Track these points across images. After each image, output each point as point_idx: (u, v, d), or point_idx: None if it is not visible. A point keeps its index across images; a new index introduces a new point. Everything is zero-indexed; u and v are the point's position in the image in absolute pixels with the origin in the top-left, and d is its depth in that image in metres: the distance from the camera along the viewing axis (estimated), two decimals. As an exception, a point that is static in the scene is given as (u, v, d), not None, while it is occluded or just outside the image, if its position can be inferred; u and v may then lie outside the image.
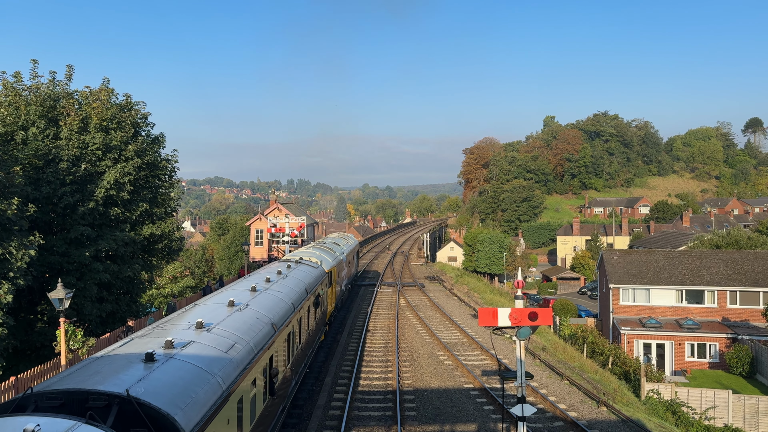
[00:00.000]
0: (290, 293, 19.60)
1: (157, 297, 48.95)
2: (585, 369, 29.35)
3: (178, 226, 34.20)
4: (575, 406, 21.95)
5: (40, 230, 24.14)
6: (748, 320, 46.00)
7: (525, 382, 12.77)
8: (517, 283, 13.84)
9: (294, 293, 20.04)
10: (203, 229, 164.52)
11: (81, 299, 25.06)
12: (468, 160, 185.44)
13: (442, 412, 20.63)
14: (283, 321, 16.55)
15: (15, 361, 23.75)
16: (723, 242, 61.60)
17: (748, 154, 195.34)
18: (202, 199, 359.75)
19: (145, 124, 31.76)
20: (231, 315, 14.06)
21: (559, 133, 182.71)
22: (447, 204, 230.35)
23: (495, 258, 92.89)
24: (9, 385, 16.66)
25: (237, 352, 11.92)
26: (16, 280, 20.17)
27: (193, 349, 10.86)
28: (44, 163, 25.71)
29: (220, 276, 53.92)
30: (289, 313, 17.65)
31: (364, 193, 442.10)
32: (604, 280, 52.52)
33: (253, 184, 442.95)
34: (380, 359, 27.90)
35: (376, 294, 47.97)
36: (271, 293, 18.15)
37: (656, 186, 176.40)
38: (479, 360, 27.91)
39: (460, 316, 39.19)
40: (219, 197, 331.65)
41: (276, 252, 55.20)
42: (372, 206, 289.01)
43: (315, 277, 25.66)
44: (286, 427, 18.64)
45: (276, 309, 16.64)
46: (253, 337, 13.27)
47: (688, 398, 32.01)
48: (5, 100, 27.41)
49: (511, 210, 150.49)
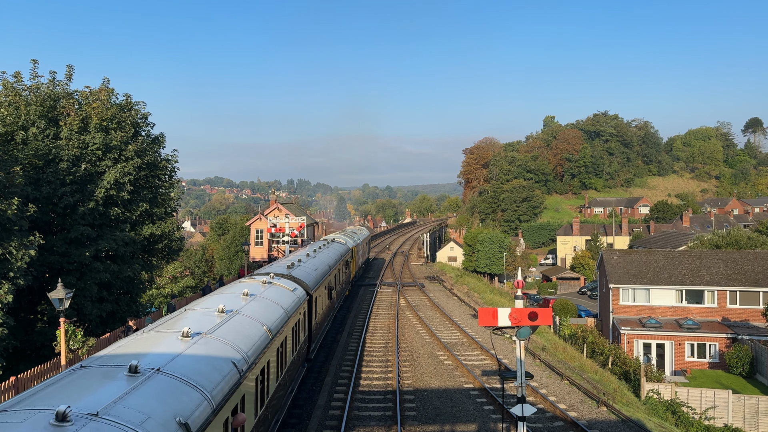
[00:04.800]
0: (332, 256, 34.82)
1: (157, 297, 48.95)
2: (585, 369, 29.35)
3: (178, 226, 34.22)
4: (575, 406, 21.95)
5: (40, 230, 24.14)
6: (748, 320, 46.00)
7: (525, 382, 12.77)
8: (517, 283, 13.84)
9: (333, 258, 34.77)
10: (203, 229, 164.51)
11: (81, 299, 25.07)
12: (468, 160, 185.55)
13: (442, 412, 20.63)
14: (329, 271, 30.46)
15: (15, 361, 23.74)
16: (723, 242, 61.60)
17: (748, 154, 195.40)
18: (202, 199, 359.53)
19: (145, 124, 31.79)
20: (309, 260, 29.11)
21: (559, 133, 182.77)
22: (447, 204, 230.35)
23: (495, 258, 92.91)
24: (9, 385, 16.66)
25: (319, 273, 27.19)
26: (16, 280, 20.19)
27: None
28: (44, 163, 25.72)
29: (221, 276, 53.92)
30: (334, 266, 33.10)
31: (364, 193, 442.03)
32: (604, 280, 52.52)
33: (253, 184, 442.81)
34: (380, 359, 27.91)
35: (376, 294, 47.97)
36: (323, 254, 33.82)
37: (656, 186, 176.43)
38: (479, 360, 27.91)
39: (460, 316, 39.19)
40: (219, 197, 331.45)
41: (276, 252, 55.18)
42: (372, 206, 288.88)
43: (344, 251, 40.70)
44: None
45: (327, 262, 31.86)
46: (325, 270, 29.13)
47: (688, 398, 32.01)
48: (5, 100, 27.42)
49: (511, 210, 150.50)
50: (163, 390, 8.56)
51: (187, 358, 10.02)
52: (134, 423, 7.25)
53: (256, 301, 16.13)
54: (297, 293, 20.41)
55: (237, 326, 13.00)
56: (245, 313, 14.32)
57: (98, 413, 7.14)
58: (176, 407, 8.30)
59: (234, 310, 14.16)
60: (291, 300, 19.01)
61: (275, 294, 18.29)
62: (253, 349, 12.54)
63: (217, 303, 14.58)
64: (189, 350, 10.45)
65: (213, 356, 10.71)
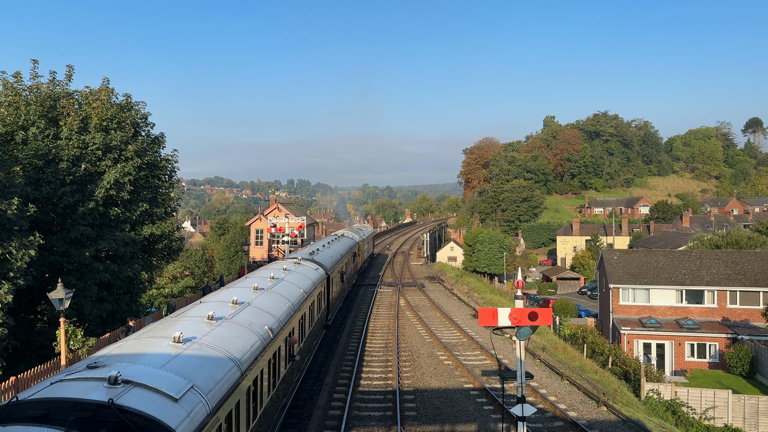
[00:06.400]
0: (342, 248, 41.18)
1: (157, 297, 48.94)
2: (585, 369, 29.35)
3: (178, 226, 34.23)
4: (575, 406, 21.95)
5: (40, 230, 24.14)
6: (748, 320, 45.99)
7: (525, 382, 12.77)
8: (517, 283, 13.83)
9: (344, 249, 41.12)
10: (203, 229, 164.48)
11: (81, 299, 25.06)
12: (468, 160, 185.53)
13: (442, 412, 20.63)
14: (341, 258, 37.03)
15: (15, 361, 23.74)
16: (723, 242, 61.57)
17: (748, 154, 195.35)
18: (202, 199, 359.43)
19: (145, 124, 31.78)
20: (325, 249, 35.53)
21: (559, 133, 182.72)
22: (447, 204, 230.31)
23: (495, 258, 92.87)
24: (9, 385, 16.66)
25: (334, 259, 33.27)
26: (16, 280, 20.18)
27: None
28: (44, 163, 25.71)
29: (221, 276, 53.90)
30: (345, 255, 39.79)
31: (364, 193, 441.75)
32: (604, 280, 52.52)
33: (253, 184, 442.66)
34: (380, 359, 27.90)
35: (376, 294, 47.97)
36: (337, 245, 40.75)
37: (656, 186, 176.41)
38: (479, 360, 27.91)
39: (460, 316, 39.19)
40: (219, 197, 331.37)
41: (276, 252, 55.17)
42: (372, 206, 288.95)
43: (352, 244, 47.22)
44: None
45: (340, 252, 38.49)
46: (338, 258, 35.24)
47: (688, 398, 31.99)
48: (5, 100, 27.41)
49: (511, 210, 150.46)
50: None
51: (263, 298, 17.15)
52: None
53: (292, 274, 23.13)
54: (319, 272, 27.23)
55: (285, 287, 20.25)
56: (287, 280, 21.52)
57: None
58: (265, 319, 15.14)
59: (279, 278, 21.33)
60: (315, 276, 25.85)
61: (305, 270, 25.45)
62: (296, 301, 19.68)
63: (267, 274, 21.73)
64: (260, 297, 17.15)
65: (279, 298, 18.36)
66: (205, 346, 11.00)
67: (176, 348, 10.44)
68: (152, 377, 8.75)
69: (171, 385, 8.68)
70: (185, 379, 9.11)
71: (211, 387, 9.60)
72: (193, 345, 10.83)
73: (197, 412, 8.67)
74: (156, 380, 8.66)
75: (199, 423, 8.57)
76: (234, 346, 11.75)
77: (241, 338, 12.55)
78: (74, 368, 9.29)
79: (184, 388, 8.82)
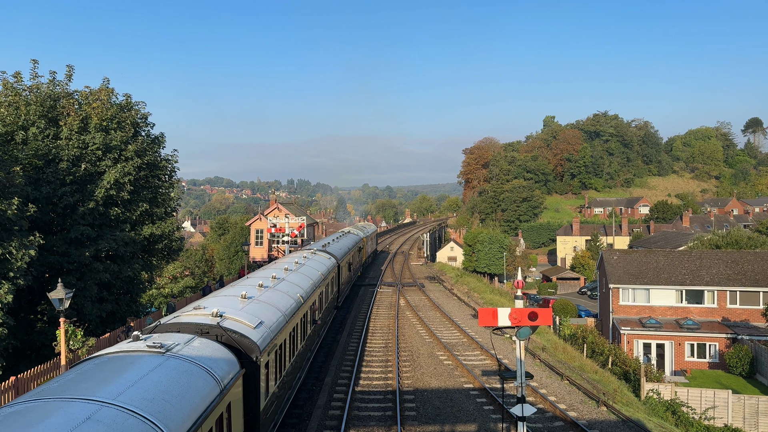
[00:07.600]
0: (350, 242, 47.37)
1: (157, 297, 48.95)
2: (585, 369, 29.35)
3: (178, 226, 34.23)
4: (575, 406, 21.96)
5: (40, 230, 24.15)
6: (748, 320, 46.00)
7: (525, 382, 12.77)
8: (517, 283, 13.83)
9: (351, 243, 47.33)
10: (203, 229, 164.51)
11: (81, 299, 25.07)
12: (468, 160, 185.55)
13: (442, 412, 20.63)
14: (349, 251, 43.00)
15: (15, 361, 23.75)
16: (723, 242, 61.57)
17: (748, 154, 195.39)
18: (202, 199, 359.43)
19: (145, 124, 31.78)
20: (335, 242, 42.21)
21: (559, 133, 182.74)
22: (447, 204, 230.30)
23: (495, 258, 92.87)
24: (9, 385, 16.66)
25: (343, 251, 40.67)
26: (16, 280, 20.18)
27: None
28: (44, 163, 25.72)
29: (221, 276, 53.91)
30: (351, 249, 45.64)
31: (364, 193, 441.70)
32: (604, 280, 52.53)
33: (253, 184, 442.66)
34: (380, 359, 27.91)
35: (376, 294, 47.96)
36: (344, 240, 47.05)
37: (656, 186, 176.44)
38: (479, 360, 27.91)
39: (459, 316, 39.20)
40: (219, 197, 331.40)
41: (276, 252, 55.19)
42: (372, 206, 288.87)
43: (357, 240, 52.81)
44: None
45: (347, 245, 44.72)
46: (345, 251, 41.78)
47: (687, 398, 32.00)
48: (5, 100, 27.42)
49: (511, 210, 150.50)
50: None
51: (292, 276, 23.13)
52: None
53: (311, 260, 29.47)
54: (331, 261, 33.28)
55: (306, 270, 26.09)
56: (308, 265, 27.43)
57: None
58: (297, 290, 21.14)
59: (301, 263, 27.14)
60: (329, 263, 31.86)
61: (320, 258, 31.85)
62: (317, 280, 25.47)
63: (292, 260, 27.49)
64: (290, 275, 23.16)
65: (304, 277, 24.36)
66: (261, 302, 16.86)
67: (243, 302, 16.05)
68: (237, 314, 14.46)
69: (249, 319, 14.48)
70: (256, 317, 14.94)
71: (272, 323, 15.64)
72: (254, 301, 16.63)
73: (266, 336, 14.46)
74: (239, 315, 14.42)
75: (268, 342, 14.31)
76: (279, 304, 17.85)
77: (283, 299, 18.68)
78: (185, 309, 15.03)
79: (255, 321, 14.61)
